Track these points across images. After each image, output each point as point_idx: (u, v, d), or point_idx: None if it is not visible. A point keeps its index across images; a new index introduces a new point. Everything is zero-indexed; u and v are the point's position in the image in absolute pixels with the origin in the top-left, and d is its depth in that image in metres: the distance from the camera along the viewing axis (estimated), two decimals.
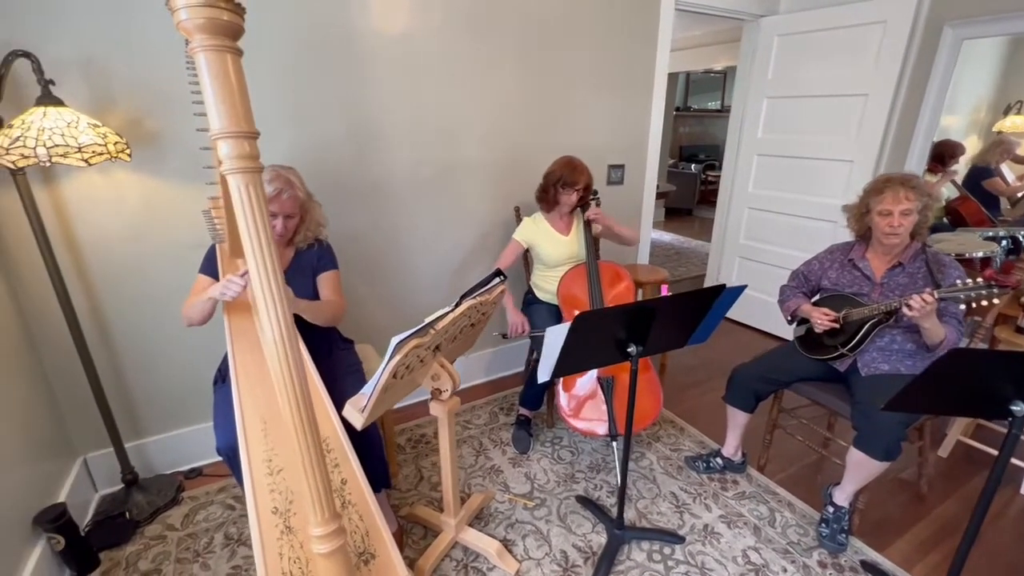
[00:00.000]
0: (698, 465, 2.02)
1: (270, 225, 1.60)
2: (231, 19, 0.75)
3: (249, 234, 0.84)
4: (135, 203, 1.71)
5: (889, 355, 1.66)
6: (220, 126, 0.79)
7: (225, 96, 0.78)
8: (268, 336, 0.90)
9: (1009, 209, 3.74)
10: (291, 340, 0.91)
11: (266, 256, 0.86)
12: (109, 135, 1.37)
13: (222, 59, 0.76)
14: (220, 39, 0.75)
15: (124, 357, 1.84)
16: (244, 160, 0.81)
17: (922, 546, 1.69)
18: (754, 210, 3.26)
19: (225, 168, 0.80)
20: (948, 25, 2.35)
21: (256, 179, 0.83)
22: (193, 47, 0.75)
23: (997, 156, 3.71)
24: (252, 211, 0.83)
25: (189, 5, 0.71)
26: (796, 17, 2.84)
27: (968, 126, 4.19)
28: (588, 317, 1.25)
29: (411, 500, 1.86)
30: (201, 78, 0.77)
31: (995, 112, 4.28)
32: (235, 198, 0.82)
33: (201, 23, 0.72)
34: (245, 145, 0.82)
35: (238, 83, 0.79)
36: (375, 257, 2.22)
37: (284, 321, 0.89)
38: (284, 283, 0.89)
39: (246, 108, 0.82)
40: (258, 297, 0.87)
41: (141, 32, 1.57)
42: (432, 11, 2.02)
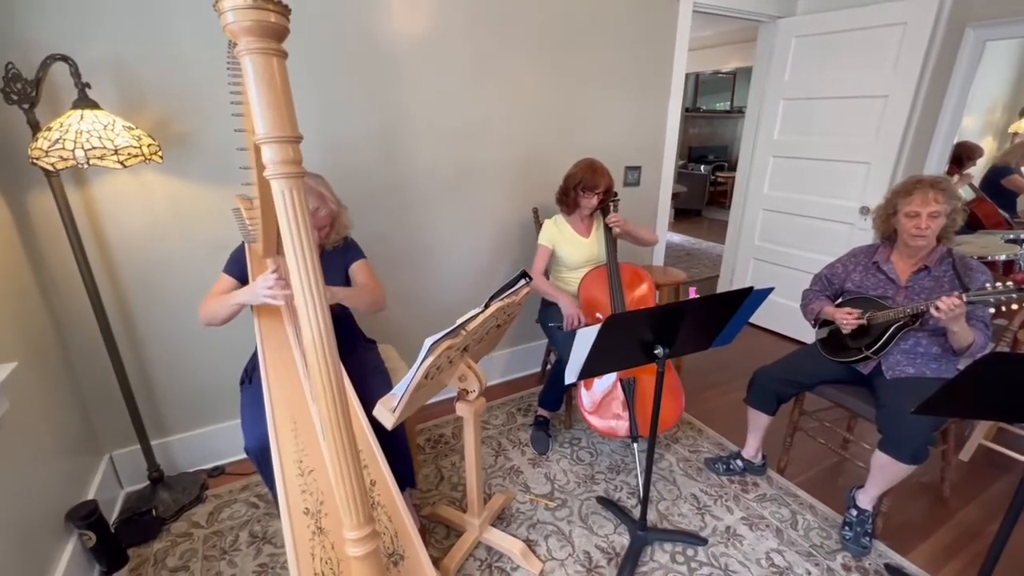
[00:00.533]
0: (718, 467, 2.02)
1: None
2: (278, 21, 0.75)
3: (292, 238, 0.85)
4: (162, 203, 1.73)
5: (914, 358, 1.66)
6: (265, 131, 0.80)
7: (271, 100, 0.79)
8: (307, 338, 0.91)
9: None
10: (330, 343, 0.93)
11: (308, 259, 0.87)
12: (143, 137, 1.39)
13: (268, 62, 0.77)
14: (267, 41, 0.75)
15: (149, 355, 1.86)
16: (288, 165, 0.82)
17: (946, 551, 1.68)
18: (769, 212, 3.25)
19: (269, 173, 0.81)
20: (970, 26, 2.34)
21: (299, 183, 0.84)
22: (239, 50, 0.76)
23: (1019, 158, 3.68)
24: (295, 215, 0.84)
25: (236, 7, 0.72)
26: (814, 18, 2.83)
27: (983, 127, 4.16)
28: (619, 319, 1.26)
29: (432, 500, 1.87)
30: (247, 82, 0.78)
31: (1011, 113, 4.25)
32: (278, 202, 0.83)
33: (248, 25, 0.72)
34: (289, 150, 0.83)
35: (283, 87, 0.80)
36: (396, 257, 2.24)
37: (323, 324, 0.90)
38: (324, 285, 0.90)
39: (291, 112, 0.83)
40: (298, 300, 0.89)
41: (170, 34, 1.59)
42: (455, 15, 2.03)
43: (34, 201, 1.55)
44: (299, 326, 1.55)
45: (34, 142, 1.28)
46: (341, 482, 1.03)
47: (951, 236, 1.64)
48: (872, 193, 2.71)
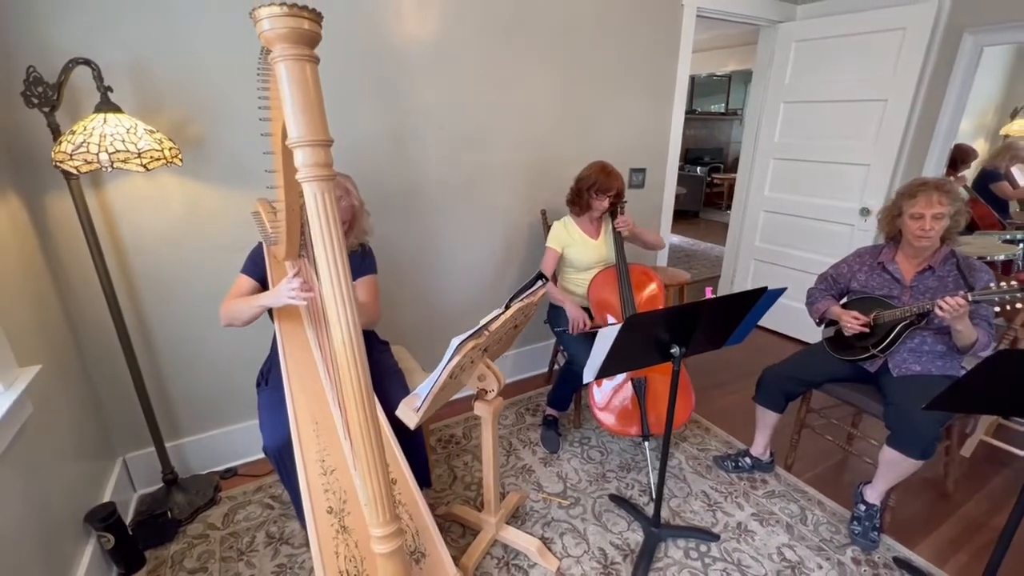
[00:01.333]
0: (727, 464, 2.05)
1: None
2: (311, 27, 0.78)
3: (324, 240, 0.87)
4: (177, 206, 1.74)
5: (920, 356, 1.70)
6: (299, 135, 0.82)
7: (305, 105, 0.82)
8: (337, 338, 0.93)
9: (1018, 212, 3.79)
10: (359, 343, 0.94)
11: (339, 261, 0.89)
12: (164, 140, 1.40)
13: (302, 68, 0.79)
14: (301, 48, 0.78)
15: (163, 358, 1.87)
16: (320, 168, 0.84)
17: (952, 544, 1.72)
18: (770, 213, 3.30)
19: (302, 176, 0.84)
20: (968, 32, 2.39)
21: (330, 186, 0.86)
22: (274, 57, 0.78)
23: (1007, 160, 3.76)
24: (327, 217, 0.87)
25: (272, 15, 0.74)
26: (814, 23, 2.89)
27: (976, 129, 4.24)
28: (638, 319, 1.28)
29: (446, 500, 1.89)
30: (281, 87, 0.80)
31: (1002, 115, 4.34)
32: (310, 205, 0.85)
33: (284, 32, 0.75)
34: (321, 153, 0.85)
35: (316, 92, 0.83)
36: (407, 258, 2.25)
37: (353, 324, 0.92)
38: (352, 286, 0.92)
39: (323, 117, 0.85)
40: (328, 301, 0.91)
41: (186, 37, 1.61)
42: (465, 20, 2.06)
43: (53, 204, 1.55)
44: (320, 328, 1.58)
45: (57, 145, 1.29)
46: (368, 480, 1.05)
47: (955, 237, 1.69)
48: (872, 195, 2.76)
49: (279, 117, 1.04)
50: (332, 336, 0.94)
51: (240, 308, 1.51)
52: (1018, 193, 3.74)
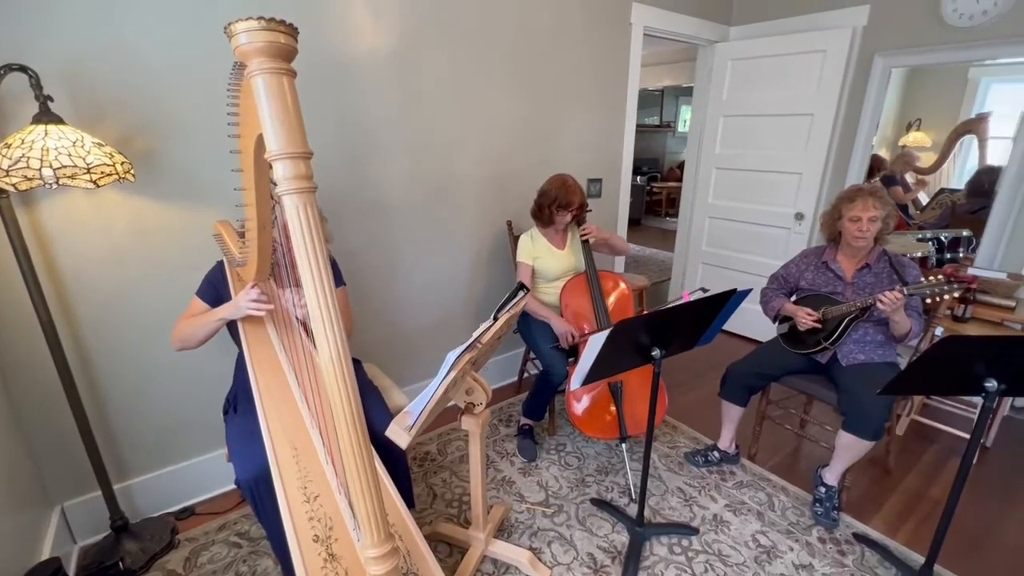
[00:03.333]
0: (697, 460, 2.14)
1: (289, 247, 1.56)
2: (287, 42, 0.76)
3: (307, 254, 0.84)
4: (123, 226, 1.60)
5: (864, 346, 1.87)
6: (278, 147, 0.80)
7: (284, 118, 0.80)
8: (325, 355, 0.90)
9: (918, 213, 4.28)
10: (347, 361, 0.91)
11: (323, 276, 0.86)
12: (115, 154, 1.29)
13: (279, 81, 0.78)
14: (278, 62, 0.77)
15: (108, 392, 1.69)
16: (301, 180, 0.82)
17: (899, 515, 1.89)
18: (715, 219, 3.51)
19: (282, 189, 0.81)
20: (878, 55, 2.69)
21: (312, 199, 0.84)
22: (251, 71, 0.76)
23: (901, 167, 4.24)
24: (310, 231, 0.84)
25: (250, 30, 0.72)
26: (746, 44, 3.13)
27: (879, 141, 4.74)
28: (626, 324, 1.32)
29: (429, 519, 1.84)
30: (258, 101, 0.78)
31: (899, 128, 4.89)
32: (292, 219, 0.82)
33: (261, 46, 0.73)
34: (301, 165, 0.83)
35: (293, 104, 0.80)
36: (371, 273, 2.19)
37: (341, 341, 0.89)
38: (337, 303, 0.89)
39: (301, 129, 0.83)
40: (315, 317, 0.88)
41: (131, 46, 1.49)
42: (424, 34, 2.05)
43: None
44: (294, 348, 1.50)
45: None
46: (362, 499, 1.02)
47: (885, 237, 1.88)
48: (804, 201, 3.01)
49: (250, 133, 1.00)
50: (320, 353, 0.90)
51: (195, 326, 1.45)
52: (908, 196, 4.23)
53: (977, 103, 4.59)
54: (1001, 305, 2.21)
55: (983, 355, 1.23)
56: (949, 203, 3.73)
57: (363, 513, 1.03)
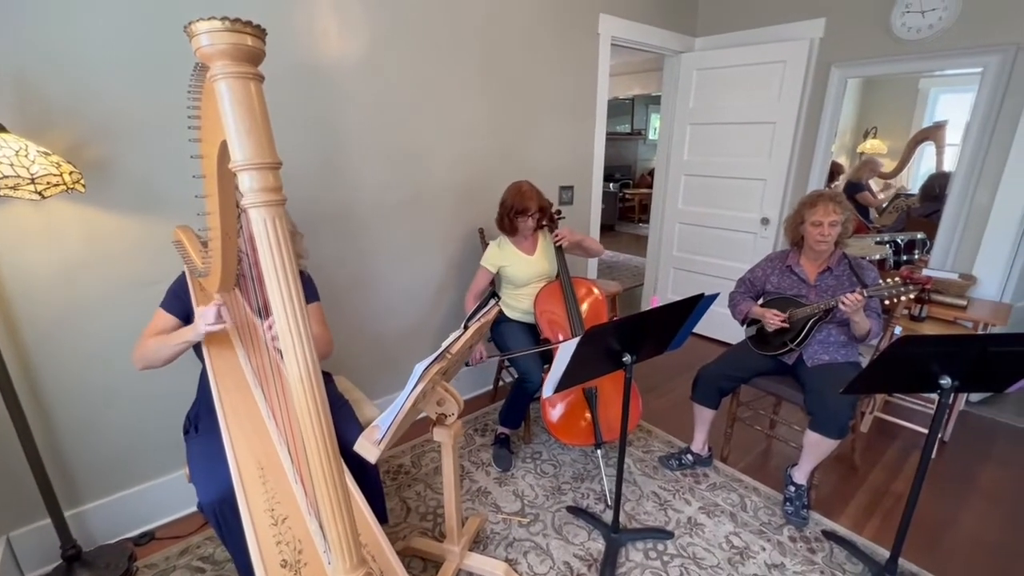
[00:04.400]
0: (671, 463, 2.16)
1: (256, 261, 1.52)
2: (255, 44, 0.73)
3: (275, 270, 0.81)
4: (74, 239, 1.52)
5: (828, 347, 1.92)
6: (244, 157, 0.76)
7: (251, 126, 0.76)
8: (294, 375, 0.87)
9: (878, 217, 4.46)
10: (318, 380, 0.89)
11: (292, 292, 0.83)
12: (62, 164, 1.23)
13: (246, 87, 0.74)
14: (244, 66, 0.73)
15: (59, 414, 1.61)
16: (269, 193, 0.78)
17: (865, 511, 1.94)
18: (684, 225, 3.58)
19: (249, 201, 0.77)
20: (835, 66, 2.79)
21: (281, 212, 0.81)
22: (214, 75, 0.73)
23: (866, 173, 4.42)
24: (278, 245, 0.80)
25: (212, 31, 0.69)
26: (710, 54, 3.21)
27: (838, 148, 4.95)
28: (596, 331, 1.33)
29: (402, 533, 1.80)
30: (222, 107, 0.75)
31: (857, 136, 5.11)
32: (259, 233, 0.79)
33: (224, 48, 0.70)
34: (269, 177, 0.79)
35: (261, 111, 0.77)
36: (342, 284, 2.15)
37: (311, 359, 0.86)
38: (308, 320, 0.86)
39: (269, 138, 0.79)
40: (283, 335, 0.84)
41: (81, 50, 1.43)
42: (395, 41, 2.04)
43: None
44: (261, 363, 1.45)
45: None
46: (333, 523, 0.99)
47: (845, 241, 1.94)
48: (769, 206, 3.10)
49: (212, 138, 0.96)
50: (288, 372, 0.87)
51: (158, 347, 1.38)
52: (876, 201, 4.41)
53: (928, 112, 4.84)
54: (954, 304, 2.31)
55: (936, 353, 1.28)
56: (904, 207, 3.90)
57: (335, 537, 0.99)
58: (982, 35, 2.33)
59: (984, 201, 2.44)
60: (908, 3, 2.49)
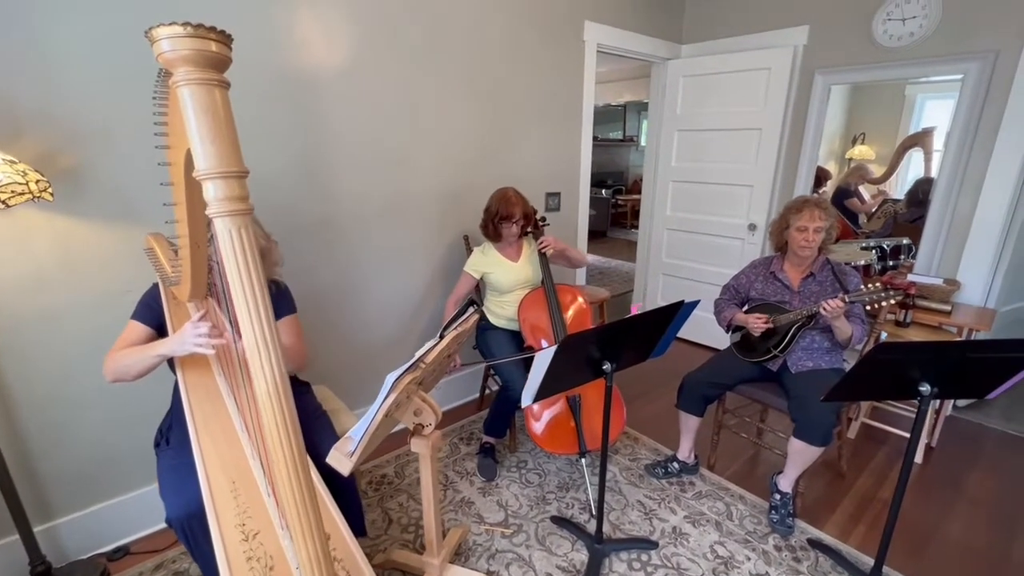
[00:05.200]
0: (657, 471, 2.14)
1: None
2: (219, 50, 0.72)
3: (241, 280, 0.79)
4: (45, 248, 1.50)
5: (811, 353, 1.91)
6: (207, 165, 0.74)
7: (215, 134, 0.75)
8: (261, 388, 0.85)
9: (867, 223, 4.48)
10: (286, 394, 0.87)
11: (259, 303, 0.81)
12: (29, 172, 1.21)
13: (210, 93, 0.73)
14: (208, 72, 0.72)
15: (29, 427, 1.57)
16: (235, 202, 0.77)
17: (851, 518, 1.93)
18: (673, 231, 3.58)
19: (213, 211, 0.76)
20: (818, 73, 2.81)
21: (247, 221, 0.79)
22: (176, 80, 0.72)
23: (856, 179, 4.44)
24: (244, 255, 0.79)
25: (174, 36, 0.68)
26: (696, 61, 3.23)
27: (827, 154, 4.99)
28: (573, 339, 1.31)
29: (383, 546, 1.77)
30: (185, 114, 0.73)
31: (846, 142, 5.15)
32: (224, 243, 0.77)
33: (187, 55, 0.68)
34: (235, 186, 0.78)
35: (227, 118, 0.76)
36: (324, 292, 2.13)
37: (279, 373, 0.85)
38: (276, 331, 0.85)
39: (235, 146, 0.78)
40: (250, 347, 0.83)
41: (49, 58, 1.41)
42: (377, 47, 2.03)
43: None
44: (234, 375, 1.43)
45: None
46: (303, 543, 0.97)
47: (828, 247, 1.94)
48: (756, 212, 3.10)
49: (179, 145, 0.94)
50: (256, 387, 0.85)
51: (131, 360, 1.33)
52: (866, 207, 4.43)
53: (915, 118, 4.88)
54: (938, 310, 2.31)
55: (914, 360, 1.27)
56: (892, 213, 3.92)
57: (304, 555, 0.97)
58: (962, 42, 2.35)
59: (967, 207, 2.45)
60: (889, 11, 2.51)
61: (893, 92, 4.87)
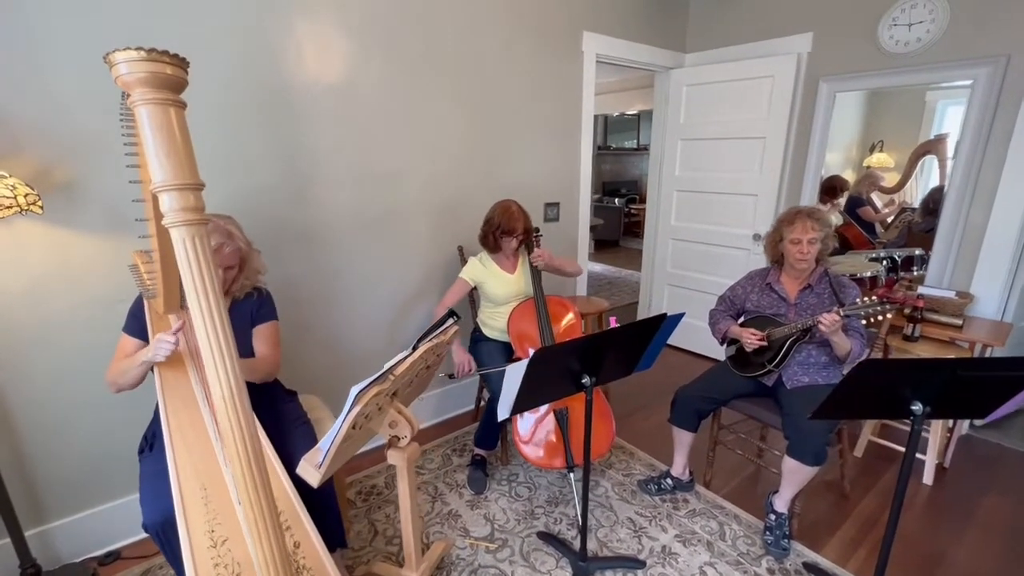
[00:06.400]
0: (650, 488, 2.08)
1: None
2: (174, 72, 0.75)
3: (196, 288, 0.81)
4: (43, 259, 1.55)
5: (808, 368, 1.85)
6: (163, 178, 0.77)
7: (169, 149, 0.78)
8: (216, 394, 0.86)
9: (884, 232, 4.34)
10: (241, 398, 0.88)
11: (213, 311, 0.83)
12: (18, 186, 1.26)
13: (165, 112, 0.76)
14: (163, 92, 0.75)
15: (25, 431, 1.62)
16: (189, 212, 0.79)
17: (852, 542, 1.84)
18: (677, 241, 3.53)
19: (168, 221, 0.78)
20: (823, 80, 2.75)
21: (202, 231, 0.81)
22: (133, 100, 0.74)
23: (866, 187, 4.31)
24: (198, 264, 0.81)
25: (130, 60, 0.71)
26: (699, 70, 3.20)
27: (844, 162, 4.85)
28: (545, 352, 1.29)
29: (366, 558, 1.76)
30: (142, 131, 0.76)
31: (863, 150, 5.01)
32: (179, 252, 0.80)
33: (143, 77, 0.72)
34: (190, 197, 0.80)
35: (182, 135, 0.79)
36: (314, 302, 2.15)
37: (234, 378, 0.86)
38: (232, 337, 0.86)
39: (190, 160, 0.81)
40: (205, 354, 0.84)
41: (48, 77, 1.47)
42: (371, 60, 2.07)
43: None
44: (204, 382, 1.45)
45: None
46: (260, 550, 0.98)
47: (826, 258, 1.88)
48: (761, 221, 3.04)
49: (146, 163, 0.97)
50: (211, 391, 0.86)
51: (123, 370, 1.40)
52: (879, 216, 4.29)
53: (935, 124, 4.73)
54: (949, 323, 2.22)
55: (901, 379, 1.21)
56: (907, 222, 3.79)
57: (262, 559, 0.99)
58: (971, 46, 2.27)
59: (979, 217, 2.35)
60: (895, 16, 2.44)
61: (913, 98, 4.71)
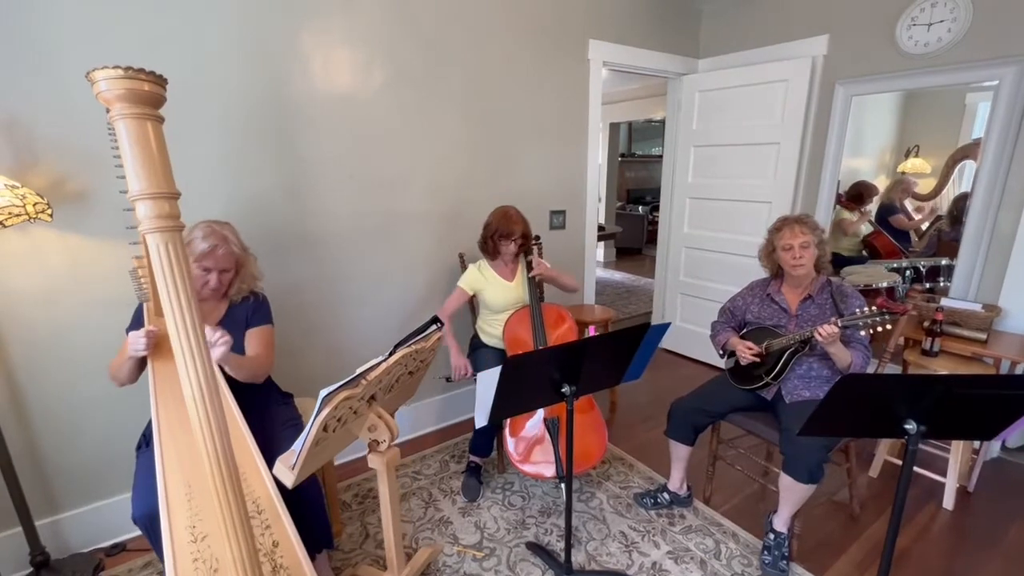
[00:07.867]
0: (646, 502, 2.03)
1: (204, 280, 1.59)
2: (152, 89, 0.80)
3: (168, 291, 0.86)
4: (56, 264, 1.66)
5: (808, 381, 1.77)
6: (139, 188, 0.82)
7: (145, 160, 0.82)
8: (187, 394, 0.90)
9: (918, 241, 4.12)
10: (212, 398, 0.91)
11: (185, 313, 0.87)
12: (28, 196, 1.35)
13: (142, 126, 0.81)
14: (141, 107, 0.80)
15: (39, 427, 1.72)
16: (163, 220, 0.84)
17: (859, 567, 1.74)
18: (690, 249, 3.45)
19: (144, 228, 0.83)
20: (839, 83, 2.66)
21: (176, 238, 0.85)
22: (112, 115, 0.80)
23: (899, 194, 4.11)
24: (171, 269, 0.85)
25: (109, 78, 0.76)
26: (712, 76, 3.14)
27: (877, 168, 4.65)
28: (516, 361, 1.29)
29: (355, 560, 1.79)
30: (121, 143, 0.81)
31: (898, 155, 4.78)
32: (153, 256, 0.84)
33: (121, 93, 0.77)
34: (165, 205, 0.85)
35: (158, 147, 0.84)
36: (315, 309, 2.21)
37: (204, 379, 0.90)
38: (204, 339, 0.90)
39: (166, 170, 0.85)
40: (177, 355, 0.88)
41: (65, 93, 1.57)
42: (374, 70, 2.12)
43: None
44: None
45: None
46: (228, 546, 1.02)
47: (826, 265, 1.81)
48: None
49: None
50: (184, 389, 0.91)
51: (117, 366, 1.49)
52: (913, 224, 4.08)
53: (976, 127, 4.47)
54: (971, 338, 2.09)
55: (891, 395, 1.15)
56: (937, 231, 3.59)
57: (230, 557, 1.02)
58: (996, 46, 2.15)
59: (1008, 224, 2.21)
60: (914, 16, 2.34)
61: (951, 99, 4.47)
